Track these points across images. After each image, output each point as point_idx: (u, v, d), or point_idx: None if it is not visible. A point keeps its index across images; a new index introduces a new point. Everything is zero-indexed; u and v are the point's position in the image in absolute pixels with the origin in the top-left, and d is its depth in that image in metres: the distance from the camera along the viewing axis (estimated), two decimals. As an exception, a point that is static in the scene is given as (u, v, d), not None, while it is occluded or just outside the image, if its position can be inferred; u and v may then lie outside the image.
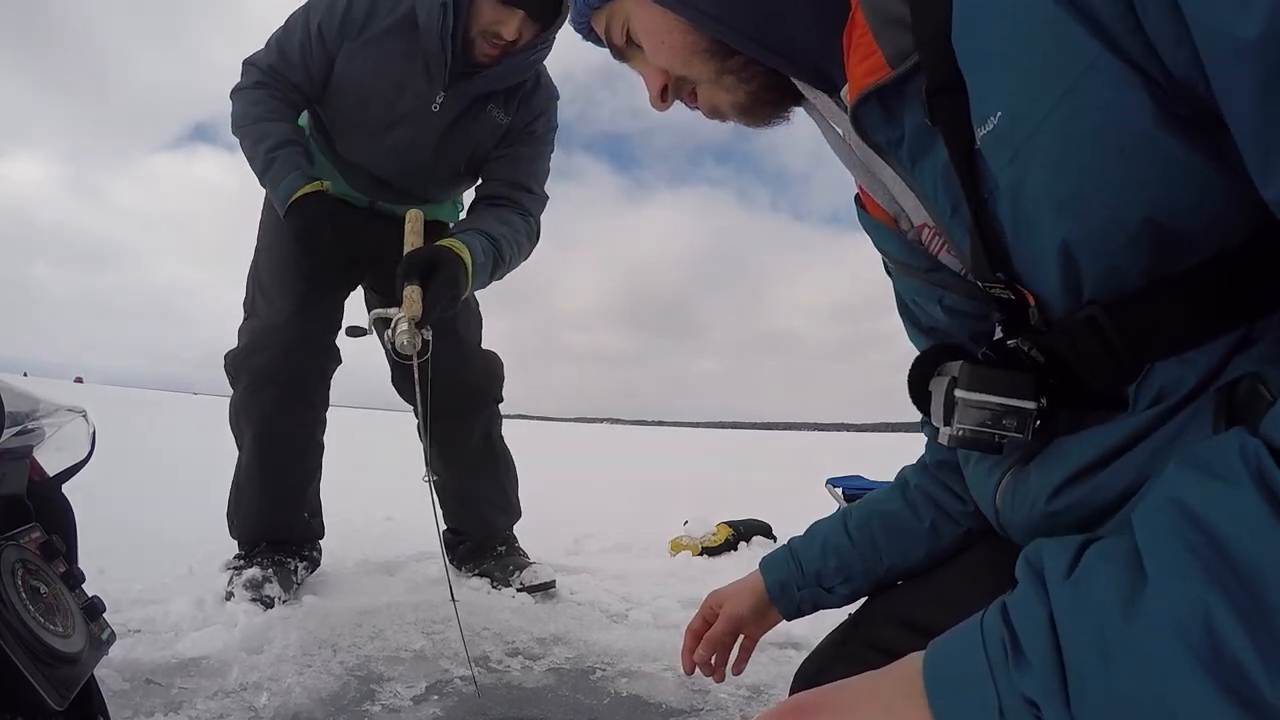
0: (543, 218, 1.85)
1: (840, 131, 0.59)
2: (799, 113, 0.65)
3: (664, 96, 0.65)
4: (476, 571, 2.04)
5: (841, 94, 0.57)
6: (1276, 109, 0.31)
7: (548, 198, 1.87)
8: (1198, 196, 0.38)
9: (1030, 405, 0.50)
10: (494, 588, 1.94)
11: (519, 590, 1.90)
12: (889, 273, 0.66)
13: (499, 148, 1.81)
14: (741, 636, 0.90)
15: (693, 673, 0.90)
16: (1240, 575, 0.30)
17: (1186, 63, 0.35)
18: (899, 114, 0.51)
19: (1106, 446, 0.46)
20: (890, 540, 0.78)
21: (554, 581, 1.95)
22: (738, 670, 0.92)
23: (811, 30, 0.56)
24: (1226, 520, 0.31)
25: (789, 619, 0.87)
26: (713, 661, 0.89)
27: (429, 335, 1.41)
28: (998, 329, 0.54)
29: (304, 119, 1.85)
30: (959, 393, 0.51)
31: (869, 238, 0.64)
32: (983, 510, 0.64)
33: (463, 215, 2.02)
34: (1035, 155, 0.41)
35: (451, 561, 2.13)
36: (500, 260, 1.66)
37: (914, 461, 0.84)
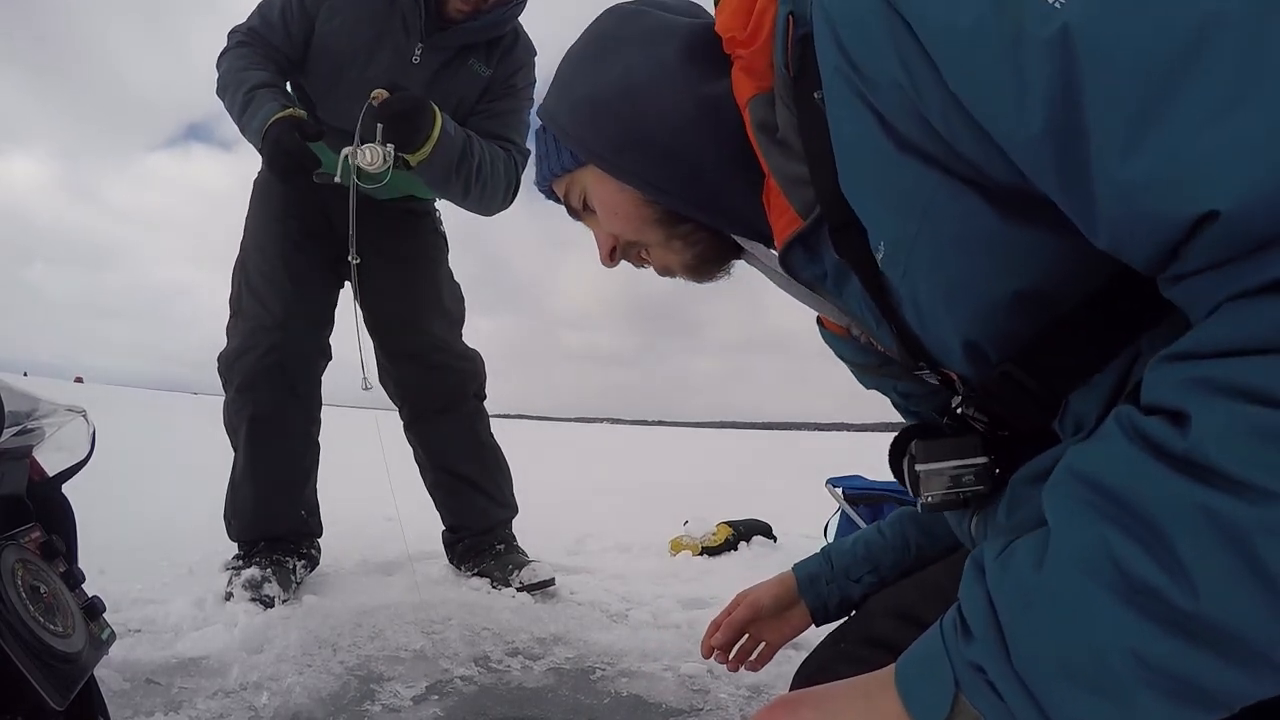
0: (538, 215, 1.87)
1: (778, 271, 0.68)
2: (738, 266, 0.74)
3: (612, 256, 0.74)
4: (476, 571, 2.04)
5: (774, 245, 0.65)
6: (1074, 178, 0.38)
7: (530, 152, 1.89)
8: (1051, 262, 0.45)
9: (980, 460, 0.59)
10: (494, 587, 1.94)
11: (519, 589, 1.90)
12: (851, 369, 0.76)
13: (480, 102, 1.84)
14: (763, 644, 0.93)
15: (709, 657, 0.93)
16: (1129, 509, 0.35)
17: (1005, 170, 0.43)
18: (819, 254, 0.60)
19: (1047, 463, 0.53)
20: (920, 530, 0.86)
21: (553, 579, 1.95)
22: (754, 667, 0.94)
23: (740, 195, 0.64)
24: (1107, 468, 0.37)
25: (816, 620, 0.90)
26: (731, 655, 0.93)
27: (390, 153, 1.50)
28: (954, 401, 0.62)
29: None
30: (918, 467, 0.61)
31: (830, 349, 0.75)
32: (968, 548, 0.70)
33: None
34: (918, 267, 0.50)
35: (451, 561, 2.14)
36: (470, 152, 1.68)
37: None
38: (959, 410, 0.60)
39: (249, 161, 1.91)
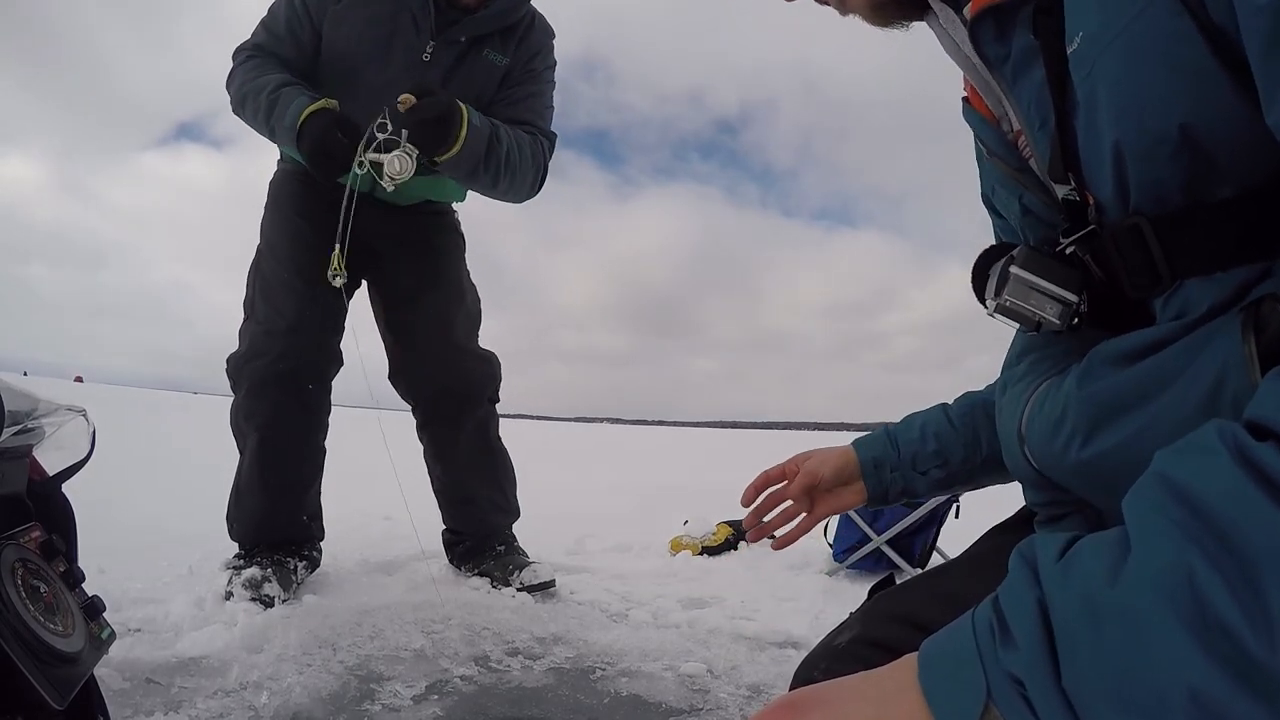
0: (533, 215, 1.87)
1: (956, 41, 0.66)
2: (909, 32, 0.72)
3: None
4: (476, 571, 2.04)
5: (964, 11, 0.64)
6: (1278, 56, 0.39)
7: (556, 136, 1.89)
8: (1228, 121, 0.45)
9: (1071, 297, 0.58)
10: (494, 587, 1.94)
11: (519, 590, 1.90)
12: (980, 161, 0.73)
13: (501, 89, 1.83)
14: (803, 515, 0.89)
15: (748, 505, 0.90)
16: (1219, 536, 0.32)
17: (1224, 14, 0.43)
18: (1009, 34, 0.59)
19: (1135, 343, 0.52)
20: (992, 429, 0.80)
21: (554, 580, 1.95)
22: (794, 536, 0.89)
23: None
24: (1204, 486, 0.34)
25: (872, 502, 0.87)
26: (770, 516, 0.89)
27: (414, 157, 1.50)
28: (1062, 240, 0.60)
29: None
30: (1013, 268, 0.60)
31: (971, 129, 0.72)
32: (1006, 451, 0.67)
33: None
34: (1105, 70, 0.49)
35: (451, 561, 2.14)
36: (497, 140, 1.66)
37: None
38: (1068, 249, 0.59)
39: (241, 161, 1.90)
